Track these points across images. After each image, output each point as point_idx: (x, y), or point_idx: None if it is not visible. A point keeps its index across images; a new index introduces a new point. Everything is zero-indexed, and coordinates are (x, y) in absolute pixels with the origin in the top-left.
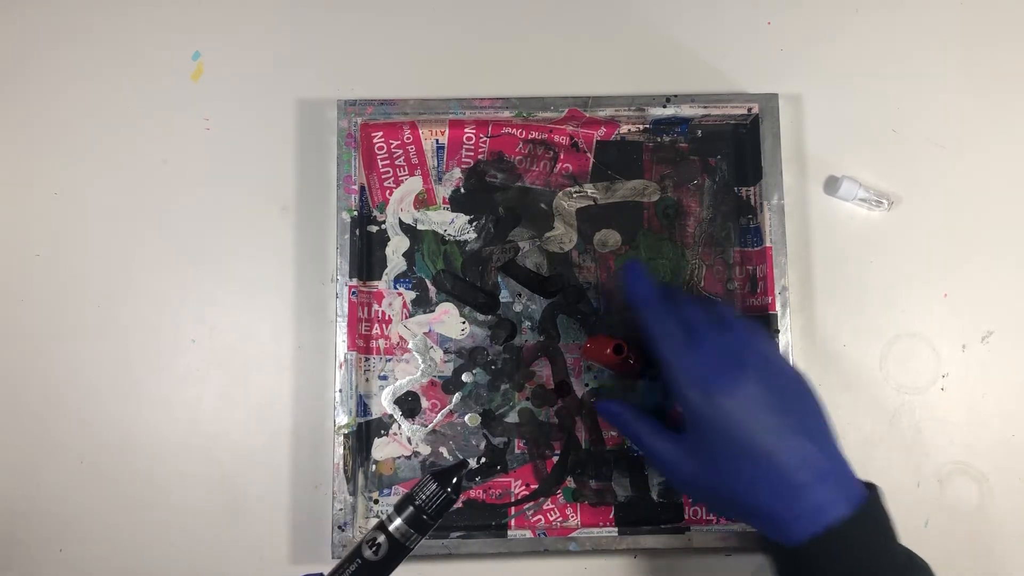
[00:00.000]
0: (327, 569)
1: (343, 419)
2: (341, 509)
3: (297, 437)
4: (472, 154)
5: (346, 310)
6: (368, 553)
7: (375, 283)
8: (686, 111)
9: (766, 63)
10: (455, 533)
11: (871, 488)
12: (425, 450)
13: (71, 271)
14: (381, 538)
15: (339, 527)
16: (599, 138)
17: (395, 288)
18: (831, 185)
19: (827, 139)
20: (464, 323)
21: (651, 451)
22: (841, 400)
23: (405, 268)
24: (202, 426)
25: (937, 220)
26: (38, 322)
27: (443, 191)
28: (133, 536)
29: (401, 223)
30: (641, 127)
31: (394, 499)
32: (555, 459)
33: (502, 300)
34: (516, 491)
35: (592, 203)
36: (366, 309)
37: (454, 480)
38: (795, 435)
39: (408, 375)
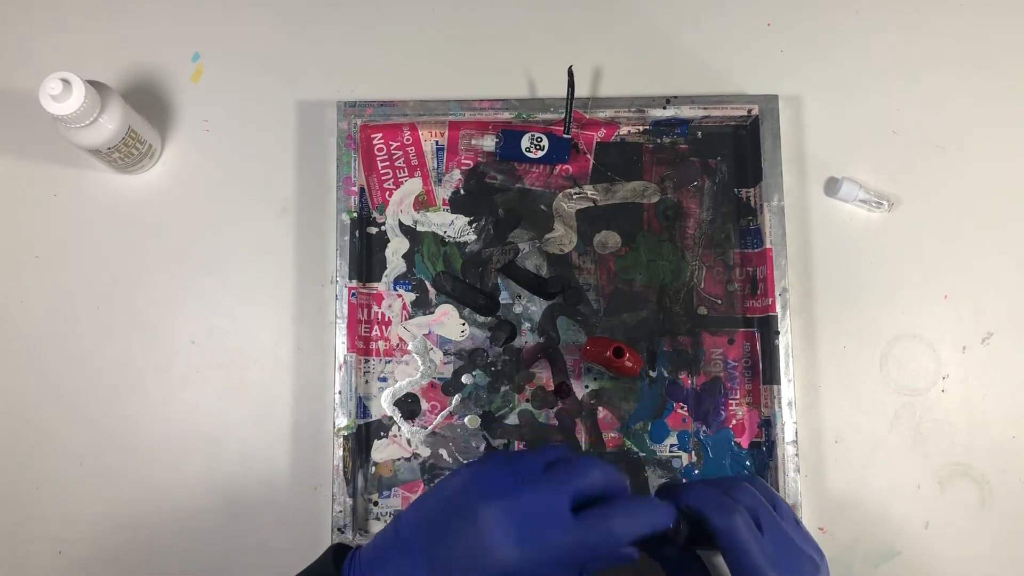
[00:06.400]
0: None
1: (343, 421)
2: (340, 511)
3: (296, 439)
4: (472, 155)
5: (346, 312)
6: None
7: (375, 285)
8: (686, 112)
9: (766, 64)
10: None
11: None
12: (425, 452)
13: (71, 272)
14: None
15: (339, 529)
16: (599, 139)
17: (395, 290)
18: (831, 186)
19: (827, 140)
20: (464, 325)
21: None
22: (841, 402)
23: (405, 270)
24: (202, 427)
25: (937, 221)
26: (38, 323)
27: (443, 192)
28: (133, 537)
29: (401, 224)
30: (641, 128)
31: (394, 501)
32: None
33: (502, 302)
34: None
35: (592, 204)
36: (366, 311)
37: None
38: None
39: (408, 377)
